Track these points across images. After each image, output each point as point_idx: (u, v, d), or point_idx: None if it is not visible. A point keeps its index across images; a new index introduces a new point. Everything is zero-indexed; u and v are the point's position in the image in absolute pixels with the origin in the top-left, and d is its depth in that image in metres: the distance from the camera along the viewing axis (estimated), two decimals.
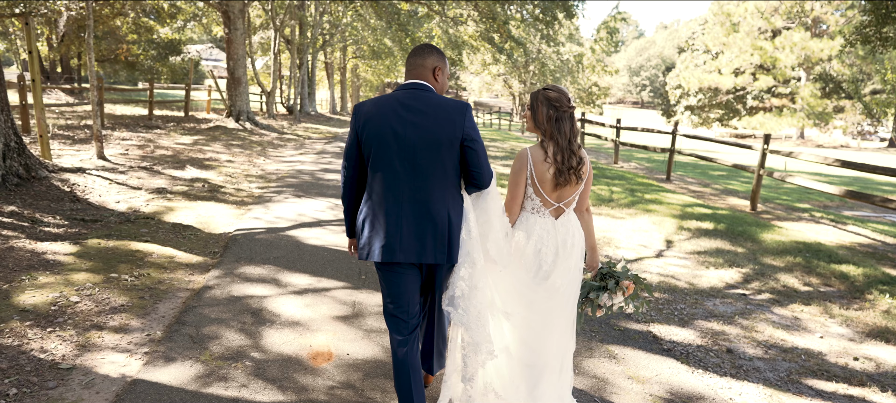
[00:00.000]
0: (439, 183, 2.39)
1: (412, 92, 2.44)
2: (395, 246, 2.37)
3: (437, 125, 2.36)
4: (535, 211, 2.60)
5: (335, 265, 4.96)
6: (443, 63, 2.53)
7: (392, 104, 2.40)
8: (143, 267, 4.59)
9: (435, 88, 2.51)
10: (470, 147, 2.41)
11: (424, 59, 2.49)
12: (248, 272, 4.62)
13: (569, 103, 2.55)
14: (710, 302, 4.89)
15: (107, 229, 5.47)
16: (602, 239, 6.88)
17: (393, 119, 2.37)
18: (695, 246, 6.69)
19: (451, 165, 2.40)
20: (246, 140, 14.56)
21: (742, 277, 5.66)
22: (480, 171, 2.44)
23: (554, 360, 2.68)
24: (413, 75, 2.50)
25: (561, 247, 2.58)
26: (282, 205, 7.13)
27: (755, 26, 38.94)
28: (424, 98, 2.42)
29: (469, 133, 2.40)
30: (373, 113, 2.41)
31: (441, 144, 2.36)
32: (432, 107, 2.40)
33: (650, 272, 5.65)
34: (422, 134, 2.35)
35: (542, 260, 2.58)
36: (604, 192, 10.00)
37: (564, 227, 2.61)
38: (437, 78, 2.51)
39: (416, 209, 2.38)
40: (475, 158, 2.42)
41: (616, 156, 15.75)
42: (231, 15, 16.96)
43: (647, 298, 2.94)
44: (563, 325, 2.68)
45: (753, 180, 9.33)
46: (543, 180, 2.53)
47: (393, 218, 2.38)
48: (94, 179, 7.40)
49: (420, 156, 2.36)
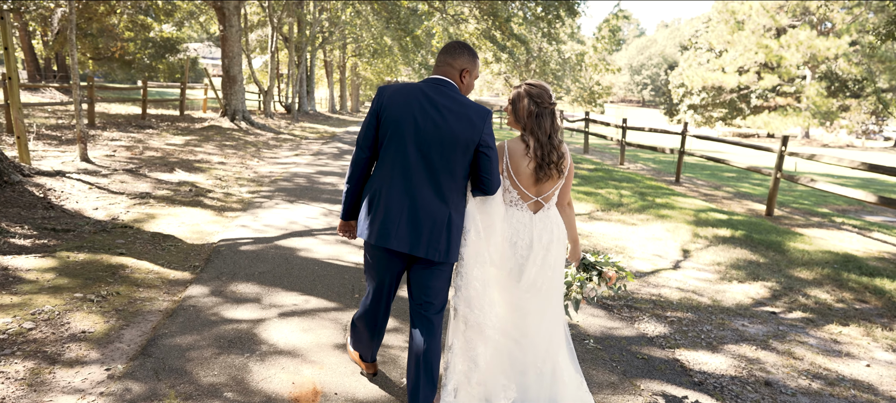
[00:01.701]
0: (448, 181, 2.40)
1: (438, 87, 2.44)
2: (390, 231, 2.39)
3: (458, 125, 2.36)
4: (512, 204, 2.61)
5: (326, 281, 4.51)
6: (472, 65, 2.51)
7: (417, 93, 2.40)
8: (113, 283, 4.15)
9: (460, 89, 2.50)
10: (484, 153, 2.42)
11: (455, 59, 2.48)
12: (229, 290, 4.18)
13: (550, 100, 2.56)
14: (738, 321, 4.45)
15: (79, 240, 5.02)
16: (614, 247, 6.44)
17: (415, 108, 2.36)
18: (714, 257, 6.25)
19: (462, 167, 2.42)
20: (240, 140, 14.12)
21: (769, 292, 5.21)
22: (490, 178, 2.45)
23: (547, 363, 2.66)
24: (441, 71, 2.49)
25: (536, 241, 2.59)
26: (272, 212, 6.69)
27: (760, 24, 38.40)
28: (449, 96, 2.42)
29: (486, 139, 2.41)
30: (396, 97, 2.40)
31: (458, 145, 2.37)
32: (456, 106, 2.40)
33: (669, 287, 5.20)
34: (441, 130, 2.36)
35: (517, 253, 2.59)
36: (613, 196, 9.55)
37: (542, 222, 2.62)
38: (464, 79, 2.51)
39: (420, 201, 2.39)
40: (488, 164, 2.43)
41: (622, 157, 15.30)
42: (226, 12, 16.50)
43: (624, 286, 3.01)
44: (548, 321, 2.67)
45: (770, 183, 8.88)
46: (521, 173, 2.56)
47: (396, 204, 2.39)
48: (74, 184, 6.96)
49: (435, 152, 2.36)
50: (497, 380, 2.61)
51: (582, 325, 4.09)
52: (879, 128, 45.57)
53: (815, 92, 36.82)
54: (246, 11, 23.56)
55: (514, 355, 2.68)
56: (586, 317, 4.24)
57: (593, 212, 8.27)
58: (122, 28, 27.40)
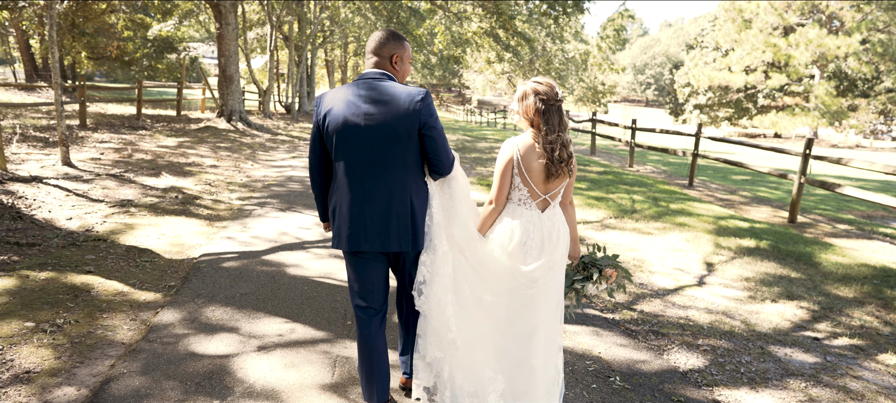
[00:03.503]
0: (400, 172, 2.39)
1: (369, 81, 2.41)
2: (360, 235, 2.41)
3: (394, 115, 2.34)
4: (521, 203, 2.58)
5: (315, 304, 4.03)
6: (401, 50, 2.48)
7: (348, 95, 2.38)
8: (73, 309, 3.67)
9: (395, 76, 2.48)
10: (428, 135, 2.39)
11: (382, 48, 2.46)
12: (205, 315, 3.70)
13: (556, 96, 2.51)
14: (779, 350, 3.95)
15: (44, 256, 4.55)
16: (632, 260, 5.94)
17: (349, 111, 2.36)
18: (740, 271, 5.75)
19: (412, 154, 2.40)
20: (236, 142, 13.65)
21: (807, 313, 4.71)
22: (439, 158, 2.44)
23: (538, 357, 2.60)
24: (371, 65, 2.48)
25: (546, 240, 2.57)
26: (262, 222, 6.20)
27: (768, 22, 37.73)
28: (380, 88, 2.38)
29: (426, 120, 2.37)
30: (331, 104, 2.40)
31: (398, 134, 2.35)
32: (388, 96, 2.36)
33: (697, 307, 4.70)
34: (378, 125, 2.34)
35: (527, 251, 2.55)
36: (625, 202, 9.05)
37: (550, 220, 2.60)
38: (396, 65, 2.49)
39: (378, 198, 2.39)
40: (433, 145, 2.41)
41: (631, 159, 14.78)
42: (223, 9, 16.02)
43: (624, 283, 2.92)
44: (547, 318, 2.63)
45: (794, 188, 8.36)
46: (532, 171, 2.52)
47: (356, 208, 2.40)
48: (50, 191, 6.49)
49: (379, 147, 2.35)
50: (482, 374, 2.57)
51: (605, 357, 3.59)
52: (888, 128, 44.95)
53: (824, 91, 36.18)
54: (244, 9, 23.10)
55: (502, 345, 2.62)
56: (609, 347, 3.75)
57: (606, 220, 7.77)
58: (122, 27, 26.95)
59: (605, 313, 4.42)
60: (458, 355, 2.54)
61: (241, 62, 28.57)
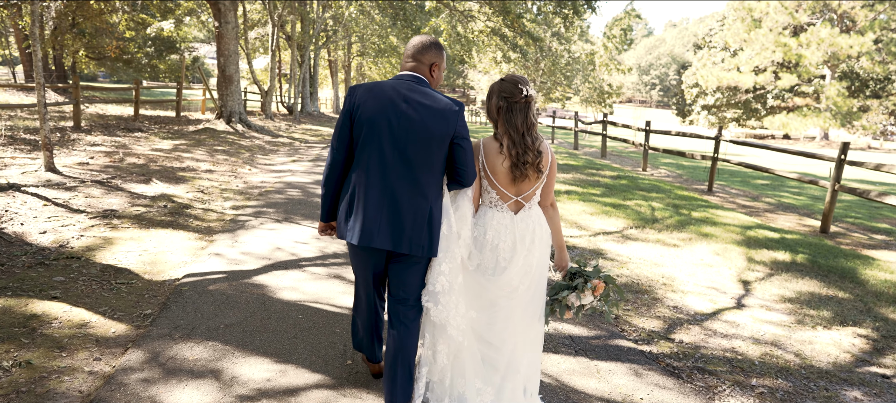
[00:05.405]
0: (426, 176, 2.38)
1: (410, 83, 2.41)
2: (373, 231, 2.37)
3: (432, 120, 2.35)
4: (492, 205, 2.55)
5: (311, 337, 3.50)
6: (440, 59, 2.51)
7: (389, 91, 2.38)
8: (28, 346, 3.15)
9: (430, 83, 2.49)
10: (459, 145, 2.40)
11: (423, 54, 2.47)
12: (181, 355, 3.18)
13: (521, 94, 2.44)
14: (848, 392, 3.41)
15: (7, 277, 4.04)
16: (659, 278, 5.40)
17: (389, 106, 2.35)
18: (780, 290, 5.21)
19: (440, 160, 2.40)
20: (234, 144, 13.14)
21: (867, 343, 4.17)
22: (466, 170, 2.43)
23: (519, 362, 2.60)
24: (410, 68, 2.48)
25: (519, 242, 2.52)
26: (255, 235, 5.69)
27: (778, 21, 37.02)
28: (422, 91, 2.40)
29: (460, 131, 2.39)
30: (368, 96, 2.38)
31: (433, 139, 2.35)
32: (429, 101, 2.37)
33: (742, 337, 4.16)
34: (416, 126, 2.34)
35: (498, 255, 2.53)
36: (644, 209, 8.50)
37: (524, 222, 2.54)
38: (434, 73, 2.51)
39: (399, 198, 2.36)
40: (463, 156, 2.41)
41: (644, 163, 14.23)
42: (222, 7, 15.53)
43: (616, 300, 2.73)
44: (526, 324, 2.60)
45: (827, 196, 7.80)
46: (497, 172, 2.49)
47: (375, 203, 2.37)
48: (27, 199, 5.99)
49: (411, 148, 2.35)
50: (471, 384, 2.54)
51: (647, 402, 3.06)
52: None
53: (835, 92, 35.47)
54: (245, 8, 22.64)
55: (490, 358, 2.60)
56: (651, 391, 3.21)
57: (626, 230, 7.22)
58: (123, 27, 26.51)
59: (640, 344, 3.89)
60: (457, 365, 2.55)
61: (242, 62, 28.14)
